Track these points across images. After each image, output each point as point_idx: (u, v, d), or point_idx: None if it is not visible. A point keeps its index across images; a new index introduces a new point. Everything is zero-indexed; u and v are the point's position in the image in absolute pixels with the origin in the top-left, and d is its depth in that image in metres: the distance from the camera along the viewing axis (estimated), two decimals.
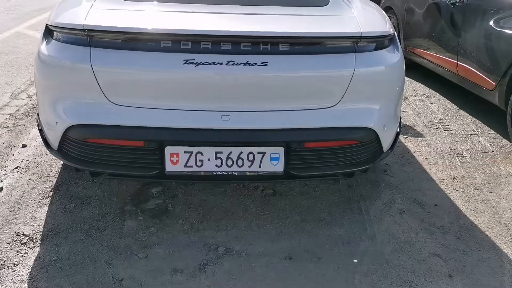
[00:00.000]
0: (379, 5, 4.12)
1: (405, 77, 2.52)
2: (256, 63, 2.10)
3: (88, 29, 2.06)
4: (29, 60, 5.22)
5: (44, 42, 2.25)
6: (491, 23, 3.52)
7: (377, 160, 2.40)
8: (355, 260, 2.25)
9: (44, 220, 2.45)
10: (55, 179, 2.83)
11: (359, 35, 2.17)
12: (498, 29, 3.46)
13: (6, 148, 3.22)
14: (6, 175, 2.88)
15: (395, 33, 2.45)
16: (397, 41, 2.46)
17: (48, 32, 2.27)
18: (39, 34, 2.38)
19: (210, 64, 2.08)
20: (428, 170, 3.11)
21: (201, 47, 2.09)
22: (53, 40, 2.22)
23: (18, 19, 7.51)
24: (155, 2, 2.41)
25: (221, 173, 2.20)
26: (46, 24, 2.28)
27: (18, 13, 7.97)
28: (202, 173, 2.20)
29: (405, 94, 4.45)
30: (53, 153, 2.32)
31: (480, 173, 3.09)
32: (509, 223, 2.57)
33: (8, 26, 6.96)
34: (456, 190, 2.89)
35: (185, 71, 2.09)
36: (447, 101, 4.38)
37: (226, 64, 2.09)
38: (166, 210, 2.58)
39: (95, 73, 2.10)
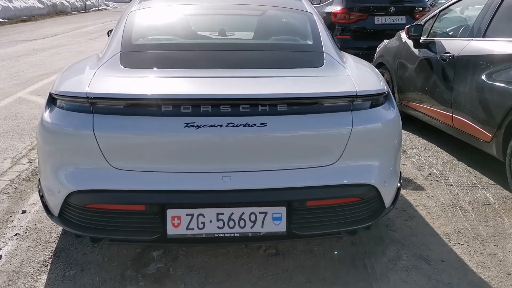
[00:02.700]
0: (370, 62, 4.26)
1: (402, 130, 2.56)
2: (255, 124, 2.14)
3: (91, 97, 2.12)
4: (31, 125, 5.29)
5: (48, 110, 2.29)
6: (483, 77, 3.61)
7: (380, 217, 2.39)
8: None
9: None
10: (55, 245, 2.79)
11: (355, 94, 2.23)
12: (490, 82, 3.54)
13: (6, 215, 3.20)
14: (5, 243, 2.84)
15: (390, 90, 2.51)
16: (392, 98, 2.52)
17: (52, 100, 2.33)
18: (41, 100, 2.43)
19: (210, 126, 2.12)
20: (431, 224, 3.08)
21: (201, 111, 2.14)
22: (56, 108, 2.27)
23: (21, 85, 7.69)
24: (155, 69, 2.50)
25: (223, 235, 2.18)
26: (50, 93, 2.34)
27: (21, 79, 8.16)
28: (204, 236, 2.18)
29: (403, 147, 4.48)
30: (54, 220, 2.31)
31: (484, 226, 3.06)
32: None
33: (11, 92, 7.11)
34: (462, 244, 2.85)
35: (186, 134, 2.12)
36: (445, 153, 4.41)
37: (226, 126, 2.12)
38: (168, 273, 2.53)
39: (97, 139, 2.13)
